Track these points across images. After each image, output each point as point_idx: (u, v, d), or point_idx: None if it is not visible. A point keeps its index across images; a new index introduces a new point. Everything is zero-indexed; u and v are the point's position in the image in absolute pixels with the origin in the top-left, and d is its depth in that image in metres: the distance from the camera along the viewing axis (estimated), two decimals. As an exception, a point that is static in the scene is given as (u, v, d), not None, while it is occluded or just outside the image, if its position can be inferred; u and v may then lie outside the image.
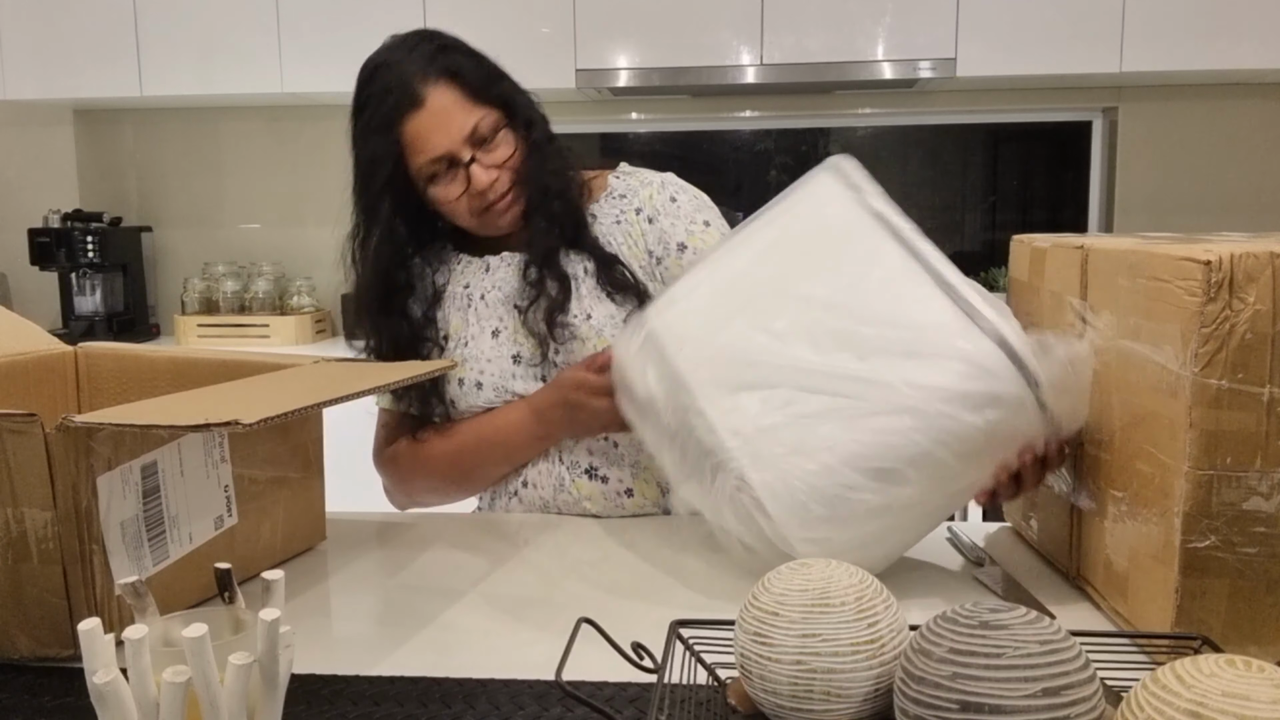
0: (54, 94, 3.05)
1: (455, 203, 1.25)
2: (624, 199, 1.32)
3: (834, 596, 0.68)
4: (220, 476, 0.97)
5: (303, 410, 0.80)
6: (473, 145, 1.22)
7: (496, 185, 1.24)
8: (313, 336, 3.18)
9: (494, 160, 1.23)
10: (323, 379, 0.97)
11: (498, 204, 1.25)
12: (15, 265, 3.42)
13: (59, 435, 0.81)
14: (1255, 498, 0.77)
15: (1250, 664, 0.55)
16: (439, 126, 1.21)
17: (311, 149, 3.36)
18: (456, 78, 1.22)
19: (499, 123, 1.24)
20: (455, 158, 1.22)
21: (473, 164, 1.22)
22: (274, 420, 0.76)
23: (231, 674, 0.61)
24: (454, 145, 1.21)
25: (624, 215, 1.31)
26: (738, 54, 2.80)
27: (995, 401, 0.88)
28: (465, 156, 1.22)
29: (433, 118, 1.21)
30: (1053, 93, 3.10)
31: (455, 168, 1.23)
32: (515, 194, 1.26)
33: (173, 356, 1.19)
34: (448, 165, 1.22)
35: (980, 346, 0.89)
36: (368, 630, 0.94)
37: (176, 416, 0.78)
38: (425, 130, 1.21)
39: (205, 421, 0.74)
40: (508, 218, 1.27)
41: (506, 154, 1.24)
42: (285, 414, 0.78)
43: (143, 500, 0.88)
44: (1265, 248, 0.75)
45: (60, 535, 0.82)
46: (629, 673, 0.75)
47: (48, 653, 0.85)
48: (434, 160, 1.22)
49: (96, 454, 0.83)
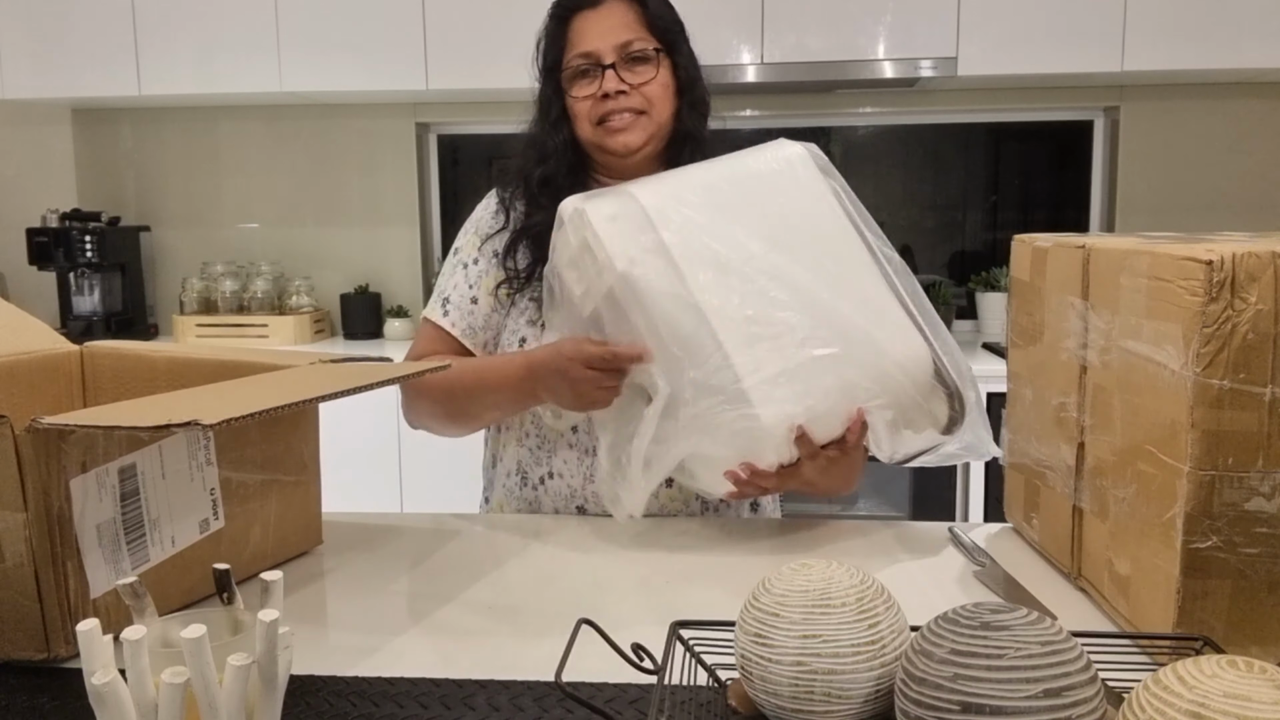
0: (52, 93, 3.04)
1: (581, 102, 1.30)
2: None
3: (835, 597, 0.68)
4: (205, 479, 0.96)
5: (271, 411, 0.78)
6: (620, 56, 1.28)
7: (623, 99, 1.28)
8: (311, 336, 3.18)
9: (633, 78, 1.29)
10: (316, 379, 0.97)
11: (616, 116, 1.29)
12: (13, 265, 3.42)
13: (28, 437, 0.80)
14: (1257, 498, 0.76)
15: (1252, 665, 0.54)
16: (598, 29, 1.29)
17: (311, 149, 3.36)
18: (636, 1, 1.31)
19: (654, 53, 1.30)
20: (599, 59, 1.28)
21: (611, 68, 1.27)
22: (236, 421, 0.75)
23: (230, 675, 0.61)
24: (603, 48, 1.28)
25: None
26: (738, 53, 2.80)
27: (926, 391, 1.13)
28: (608, 60, 1.28)
29: (599, 20, 1.29)
30: (1054, 92, 3.10)
31: (596, 71, 1.28)
32: (636, 119, 1.29)
33: (172, 356, 1.18)
34: (591, 66, 1.29)
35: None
36: (366, 631, 0.94)
37: (143, 418, 0.77)
38: (587, 27, 1.30)
39: (167, 422, 0.74)
40: (621, 138, 1.29)
41: (647, 77, 1.29)
42: (249, 415, 0.76)
43: (121, 503, 0.87)
44: (1267, 247, 0.75)
45: (32, 539, 0.82)
46: (629, 674, 0.75)
47: (21, 655, 0.84)
48: (581, 54, 1.29)
49: (68, 456, 0.82)
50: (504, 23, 2.83)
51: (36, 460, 0.81)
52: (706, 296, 1.06)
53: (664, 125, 1.31)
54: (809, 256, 1.11)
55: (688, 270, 1.07)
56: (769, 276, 1.09)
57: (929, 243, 3.29)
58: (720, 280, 1.07)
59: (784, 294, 1.08)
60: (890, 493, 2.64)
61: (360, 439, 2.78)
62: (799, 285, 1.09)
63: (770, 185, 1.16)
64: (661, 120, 1.30)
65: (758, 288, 1.08)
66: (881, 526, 1.21)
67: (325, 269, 3.39)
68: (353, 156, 3.35)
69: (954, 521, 1.14)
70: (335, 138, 3.35)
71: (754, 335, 1.06)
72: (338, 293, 3.31)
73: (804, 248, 1.12)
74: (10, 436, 0.80)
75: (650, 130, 1.30)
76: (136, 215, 3.44)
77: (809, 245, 1.12)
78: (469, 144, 3.44)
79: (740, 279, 1.08)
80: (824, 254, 1.12)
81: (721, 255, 1.09)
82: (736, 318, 1.06)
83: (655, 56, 1.29)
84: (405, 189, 3.34)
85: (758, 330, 1.06)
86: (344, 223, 3.39)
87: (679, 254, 1.08)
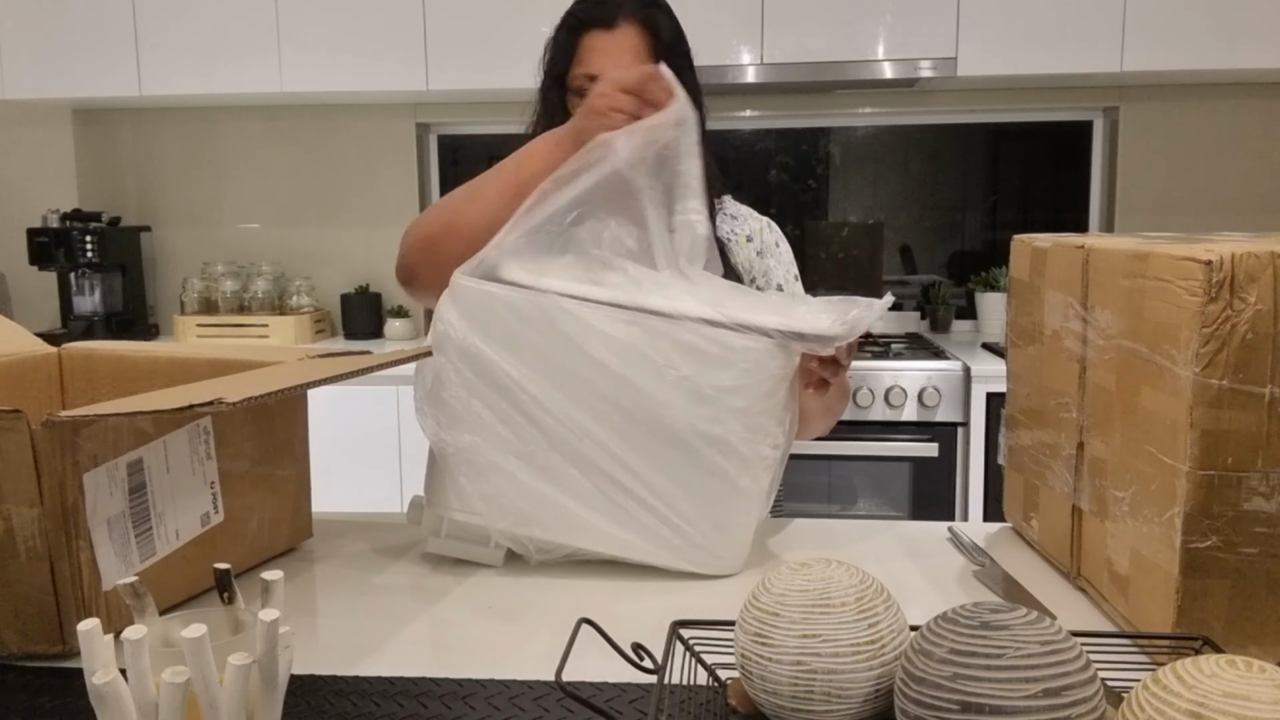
0: (53, 93, 3.04)
1: None
2: (735, 220, 1.43)
3: (834, 597, 0.68)
4: (206, 473, 0.97)
5: (288, 390, 0.81)
6: None
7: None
8: (312, 336, 3.18)
9: None
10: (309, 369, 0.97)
11: None
12: (14, 265, 3.42)
13: (45, 431, 0.81)
14: (1256, 498, 0.76)
15: (1251, 664, 0.54)
16: (606, 51, 1.30)
17: (311, 149, 3.36)
18: (650, 29, 1.32)
19: None
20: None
21: None
22: (258, 400, 0.77)
23: (231, 674, 0.61)
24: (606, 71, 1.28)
25: (735, 235, 1.42)
26: (738, 53, 2.80)
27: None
28: None
29: (611, 42, 1.31)
30: (1054, 92, 3.10)
31: None
32: None
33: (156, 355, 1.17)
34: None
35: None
36: (364, 630, 0.94)
37: (161, 403, 0.79)
38: (597, 48, 1.31)
39: (189, 403, 0.75)
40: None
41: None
42: (269, 393, 0.79)
43: (129, 497, 0.88)
44: (1266, 247, 0.75)
45: (47, 532, 0.82)
46: (629, 673, 0.75)
47: (36, 649, 0.85)
48: (588, 75, 1.30)
49: (83, 450, 0.83)
50: (504, 23, 2.83)
51: (52, 455, 0.81)
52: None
53: None
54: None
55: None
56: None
57: (928, 243, 3.29)
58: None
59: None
60: (890, 493, 2.65)
61: (360, 436, 2.78)
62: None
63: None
64: None
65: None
66: (881, 526, 1.21)
67: (326, 269, 3.39)
68: (353, 156, 3.35)
69: (954, 521, 1.14)
70: (336, 138, 3.35)
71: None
72: (338, 293, 3.32)
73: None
74: (26, 431, 0.81)
75: None
76: (137, 215, 3.44)
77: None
78: (469, 144, 3.44)
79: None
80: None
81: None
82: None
83: None
84: (405, 189, 3.35)
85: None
86: (344, 223, 3.39)
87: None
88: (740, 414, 1.01)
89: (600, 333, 1.00)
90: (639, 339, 0.99)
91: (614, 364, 1.00)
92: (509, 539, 1.06)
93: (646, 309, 1.00)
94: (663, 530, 1.03)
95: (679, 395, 1.00)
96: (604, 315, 1.00)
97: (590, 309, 1.00)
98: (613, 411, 1.01)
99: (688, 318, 0.99)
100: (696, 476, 1.02)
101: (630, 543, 1.04)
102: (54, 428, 0.81)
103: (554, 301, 1.01)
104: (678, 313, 1.00)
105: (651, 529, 1.03)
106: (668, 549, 1.03)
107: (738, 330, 0.99)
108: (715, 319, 0.99)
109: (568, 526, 1.03)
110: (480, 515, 1.04)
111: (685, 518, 1.02)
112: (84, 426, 0.82)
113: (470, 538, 1.08)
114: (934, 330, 3.14)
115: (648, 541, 1.03)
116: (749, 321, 0.99)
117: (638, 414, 1.00)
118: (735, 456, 1.02)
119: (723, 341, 0.99)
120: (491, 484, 1.03)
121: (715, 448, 1.01)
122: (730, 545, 1.05)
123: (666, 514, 1.02)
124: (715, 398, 1.00)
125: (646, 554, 1.04)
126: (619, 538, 1.03)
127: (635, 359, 1.00)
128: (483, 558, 1.08)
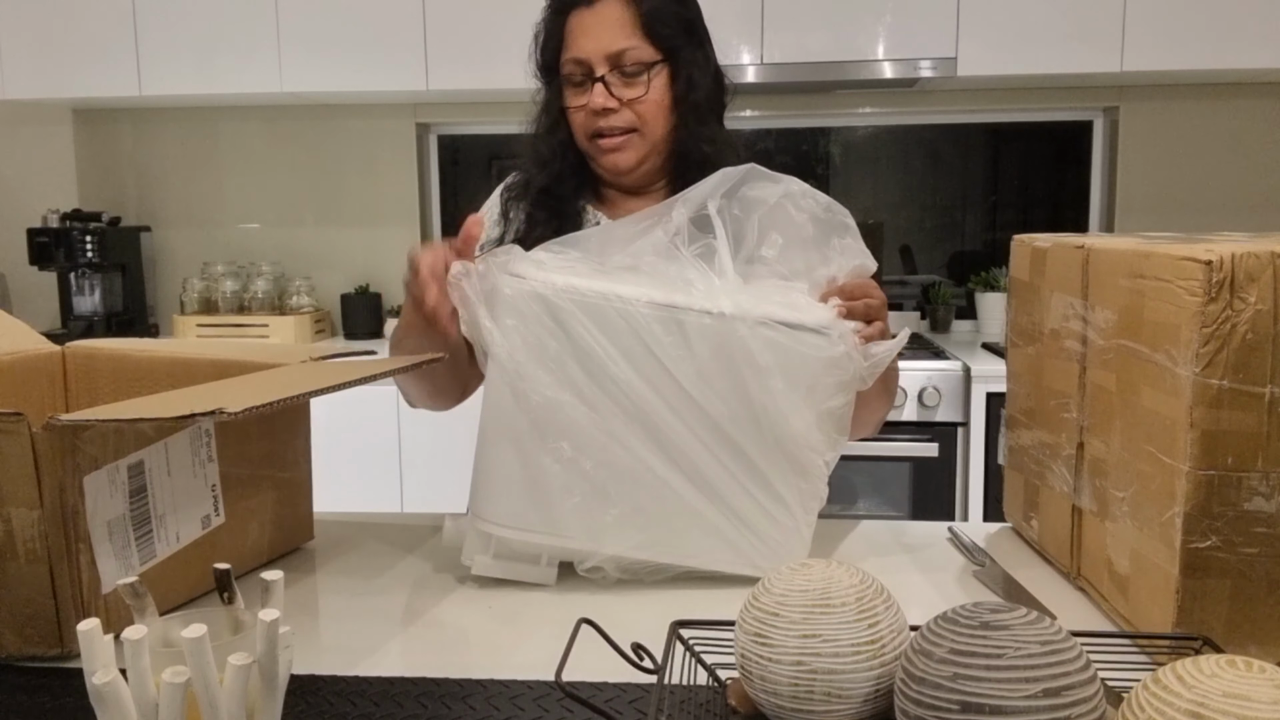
0: (53, 93, 3.04)
1: (575, 112, 1.27)
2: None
3: (835, 597, 0.68)
4: (208, 475, 0.97)
5: (290, 399, 0.80)
6: (611, 66, 1.23)
7: (613, 117, 1.24)
8: (312, 336, 3.18)
9: (624, 93, 1.24)
10: (311, 375, 0.97)
11: (607, 138, 1.25)
12: (14, 265, 3.42)
13: (45, 434, 0.81)
14: (1256, 498, 0.76)
15: (1251, 664, 0.54)
16: (590, 32, 1.24)
17: (311, 149, 3.36)
18: (633, 1, 1.24)
19: (649, 62, 1.24)
20: (591, 70, 1.24)
21: (601, 82, 1.23)
22: (259, 409, 0.76)
23: (231, 674, 0.61)
24: (593, 56, 1.23)
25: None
26: (738, 53, 2.80)
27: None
28: (599, 72, 1.23)
29: (592, 20, 1.24)
30: (1054, 92, 3.10)
31: (589, 79, 1.24)
32: (628, 138, 1.25)
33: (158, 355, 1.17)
34: (584, 73, 1.24)
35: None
36: (364, 630, 0.94)
37: (162, 410, 0.78)
38: (580, 29, 1.24)
39: (190, 412, 0.74)
40: (611, 158, 1.26)
41: (639, 93, 1.24)
42: (271, 403, 0.78)
43: (130, 499, 0.88)
44: (1266, 247, 0.75)
45: (47, 534, 0.82)
46: (629, 673, 0.75)
47: (35, 651, 0.85)
48: (575, 60, 1.25)
49: (83, 453, 0.83)
50: (504, 23, 2.83)
51: (53, 457, 0.81)
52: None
53: (660, 142, 1.27)
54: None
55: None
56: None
57: (928, 243, 3.29)
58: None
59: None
60: (890, 493, 2.65)
61: (360, 439, 2.78)
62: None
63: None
64: (656, 138, 1.26)
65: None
66: (881, 526, 1.21)
67: (326, 269, 3.39)
68: (353, 156, 3.35)
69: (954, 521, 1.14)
70: (335, 138, 3.35)
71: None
72: (338, 293, 3.31)
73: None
74: (27, 434, 0.81)
75: (643, 150, 1.26)
76: (137, 215, 3.44)
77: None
78: (469, 144, 3.44)
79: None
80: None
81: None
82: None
83: (648, 69, 1.23)
84: (405, 189, 3.35)
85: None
86: (344, 223, 3.39)
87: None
88: (819, 411, 1.00)
89: (682, 337, 0.98)
90: (725, 342, 0.98)
91: (706, 368, 0.98)
92: (569, 555, 1.02)
93: (716, 311, 0.98)
94: (741, 533, 1.01)
95: (766, 396, 0.98)
96: (671, 316, 0.98)
97: (652, 309, 0.98)
98: (700, 417, 0.99)
99: (769, 320, 0.99)
100: (780, 475, 1.01)
101: (700, 550, 1.01)
102: (54, 431, 0.81)
103: (619, 304, 0.98)
104: (755, 315, 0.98)
105: (724, 532, 1.01)
106: (737, 552, 1.01)
107: (815, 331, 0.99)
108: (791, 320, 0.99)
109: (643, 541, 1.01)
110: (543, 531, 0.99)
111: (770, 517, 1.01)
112: (84, 429, 0.82)
113: (519, 557, 1.02)
114: (934, 330, 3.14)
115: (718, 547, 1.01)
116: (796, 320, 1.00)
117: (724, 417, 0.99)
118: (812, 450, 1.01)
119: (804, 341, 0.99)
120: (576, 497, 0.99)
121: (799, 444, 1.00)
122: (797, 542, 1.03)
123: (750, 515, 1.01)
124: (794, 393, 0.99)
125: (714, 561, 1.02)
126: (693, 545, 1.01)
127: (723, 362, 0.98)
128: (534, 577, 1.02)
